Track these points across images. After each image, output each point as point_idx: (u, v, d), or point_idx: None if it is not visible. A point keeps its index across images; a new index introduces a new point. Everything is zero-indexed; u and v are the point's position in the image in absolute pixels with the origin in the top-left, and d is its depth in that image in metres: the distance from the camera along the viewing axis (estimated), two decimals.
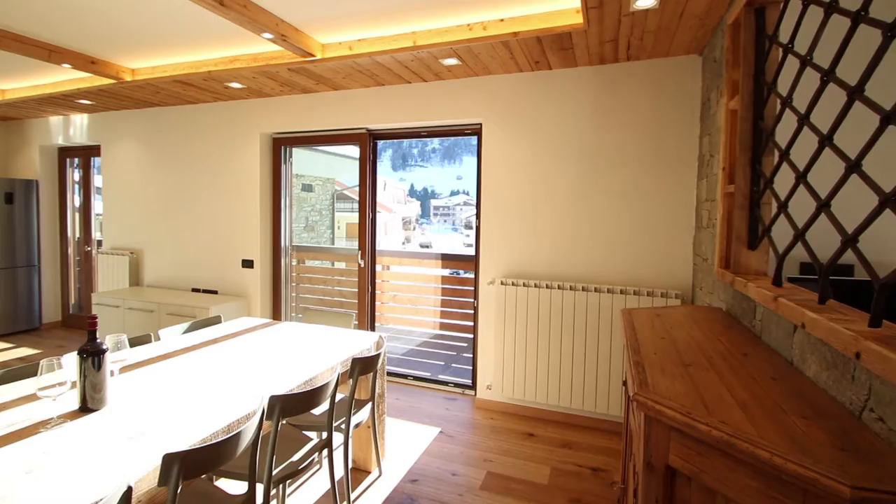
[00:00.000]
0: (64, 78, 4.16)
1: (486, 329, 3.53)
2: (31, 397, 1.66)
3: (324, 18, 2.74)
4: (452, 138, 3.99)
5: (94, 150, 5.38)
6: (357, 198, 4.15)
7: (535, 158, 3.35)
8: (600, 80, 3.16)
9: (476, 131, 3.65)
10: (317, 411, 2.24)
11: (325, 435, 2.02)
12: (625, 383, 2.05)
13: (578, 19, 2.48)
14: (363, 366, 2.13)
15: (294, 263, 4.50)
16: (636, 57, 3.02)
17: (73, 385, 1.57)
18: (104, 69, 3.65)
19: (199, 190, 4.55)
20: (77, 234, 5.76)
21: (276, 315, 4.43)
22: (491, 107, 3.45)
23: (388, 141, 4.14)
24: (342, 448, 2.14)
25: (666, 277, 3.06)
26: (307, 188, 12.27)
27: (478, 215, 3.60)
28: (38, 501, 1.10)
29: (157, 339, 2.46)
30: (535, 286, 3.24)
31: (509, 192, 3.43)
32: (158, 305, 4.13)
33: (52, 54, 3.34)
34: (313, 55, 3.09)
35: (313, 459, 1.89)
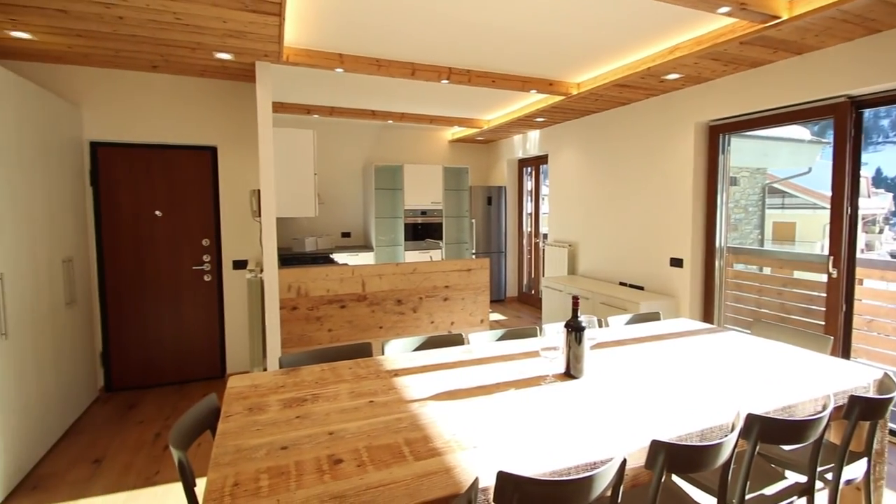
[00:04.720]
0: (526, 103, 5.18)
1: None
2: (532, 354, 2.11)
3: None
4: None
5: (542, 160, 6.52)
6: (790, 190, 3.28)
7: None
8: None
9: None
10: (787, 446, 1.86)
11: (802, 478, 1.64)
12: None
13: None
14: (865, 409, 1.59)
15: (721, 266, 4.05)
16: None
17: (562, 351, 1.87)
18: (557, 88, 4.30)
19: (628, 187, 4.74)
20: (529, 229, 7.18)
21: (707, 320, 4.09)
22: None
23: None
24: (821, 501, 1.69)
25: None
26: (731, 181, 10.82)
27: None
28: (545, 444, 1.32)
29: (607, 325, 2.68)
30: None
31: None
32: (592, 294, 4.56)
33: (525, 84, 4.18)
34: (777, 16, 2.59)
35: (791, 502, 1.56)
